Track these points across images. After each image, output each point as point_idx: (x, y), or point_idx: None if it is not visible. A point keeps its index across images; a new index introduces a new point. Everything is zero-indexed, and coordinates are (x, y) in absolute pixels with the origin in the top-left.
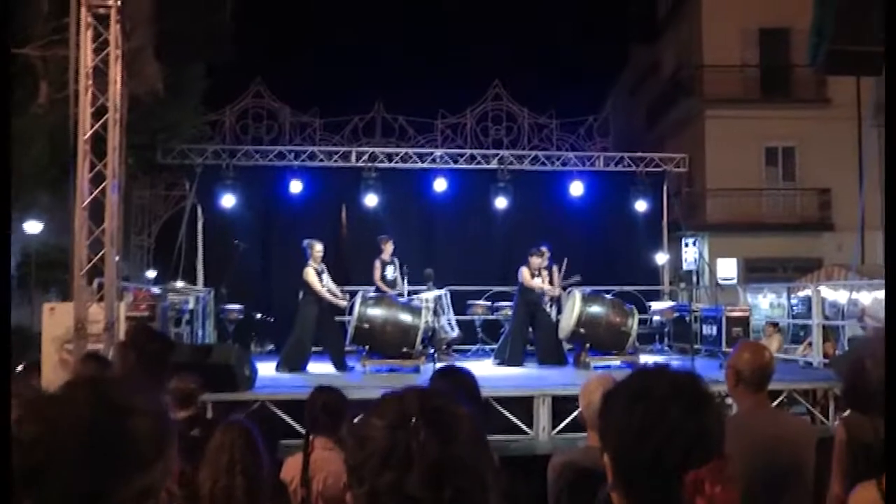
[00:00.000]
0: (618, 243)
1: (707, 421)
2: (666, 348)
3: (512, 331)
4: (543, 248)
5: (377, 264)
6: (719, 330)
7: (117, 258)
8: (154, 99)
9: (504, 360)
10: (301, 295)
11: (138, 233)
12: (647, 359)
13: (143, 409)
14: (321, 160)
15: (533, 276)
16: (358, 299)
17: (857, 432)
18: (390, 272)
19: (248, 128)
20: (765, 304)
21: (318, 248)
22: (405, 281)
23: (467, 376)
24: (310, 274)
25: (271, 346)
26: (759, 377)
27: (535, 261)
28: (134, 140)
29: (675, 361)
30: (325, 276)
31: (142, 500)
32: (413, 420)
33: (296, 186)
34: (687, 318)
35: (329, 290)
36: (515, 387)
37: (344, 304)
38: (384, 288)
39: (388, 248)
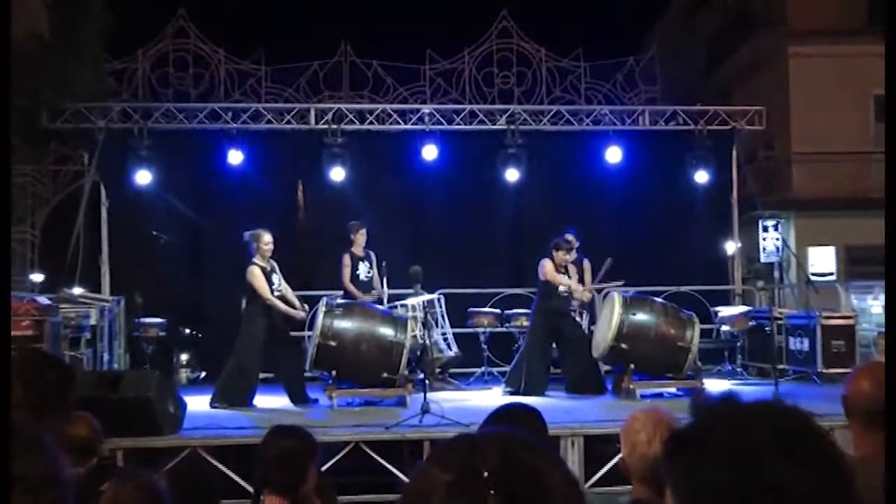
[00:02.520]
0: (671, 228)
1: (829, 483)
2: (739, 370)
3: (529, 348)
4: (570, 237)
5: (346, 260)
6: (812, 344)
7: None
8: (37, 44)
9: (519, 389)
10: (244, 303)
11: (17, 223)
12: (712, 384)
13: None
14: (268, 121)
15: (557, 272)
16: (321, 308)
17: None
18: (364, 271)
19: (169, 78)
20: (876, 307)
21: (266, 239)
22: (384, 283)
23: (537, 420)
24: (255, 274)
25: (204, 374)
26: (882, 414)
27: (560, 256)
28: (9, 99)
29: (752, 387)
30: (277, 278)
31: None
32: (484, 476)
33: (235, 157)
34: (767, 329)
35: (281, 297)
36: None
37: (302, 314)
38: (356, 292)
39: (361, 238)
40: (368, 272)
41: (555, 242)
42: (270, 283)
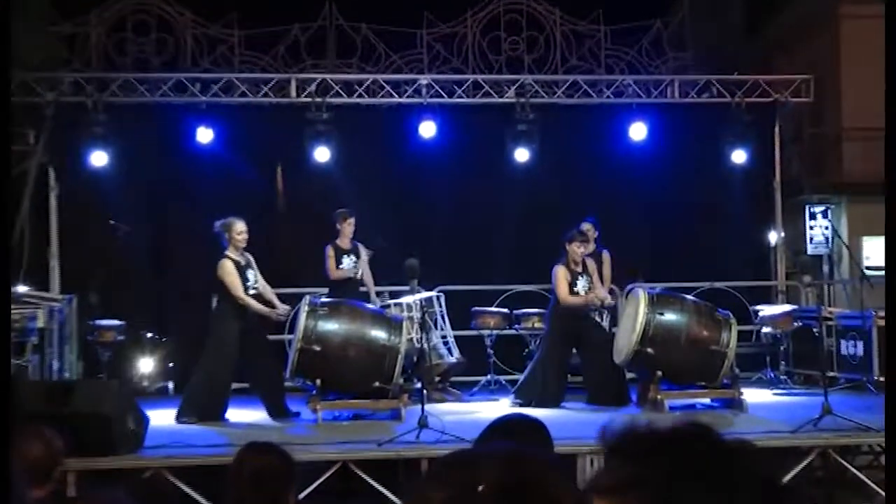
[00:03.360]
0: (704, 215)
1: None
2: (783, 377)
3: (545, 354)
4: (588, 225)
5: (330, 252)
6: (868, 348)
7: None
8: None
9: (532, 400)
10: (215, 303)
11: None
12: (752, 393)
13: None
14: (242, 94)
15: (574, 276)
16: (303, 307)
17: None
18: (349, 265)
19: (127, 45)
20: None
21: (239, 228)
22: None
23: (540, 434)
24: (227, 269)
25: (169, 384)
26: None
27: (575, 249)
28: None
29: (798, 398)
30: (252, 273)
31: None
32: (482, 493)
33: (204, 135)
34: (816, 330)
35: (257, 295)
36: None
37: (282, 315)
38: (342, 274)
39: (349, 229)
40: (355, 267)
41: (568, 235)
42: (245, 279)
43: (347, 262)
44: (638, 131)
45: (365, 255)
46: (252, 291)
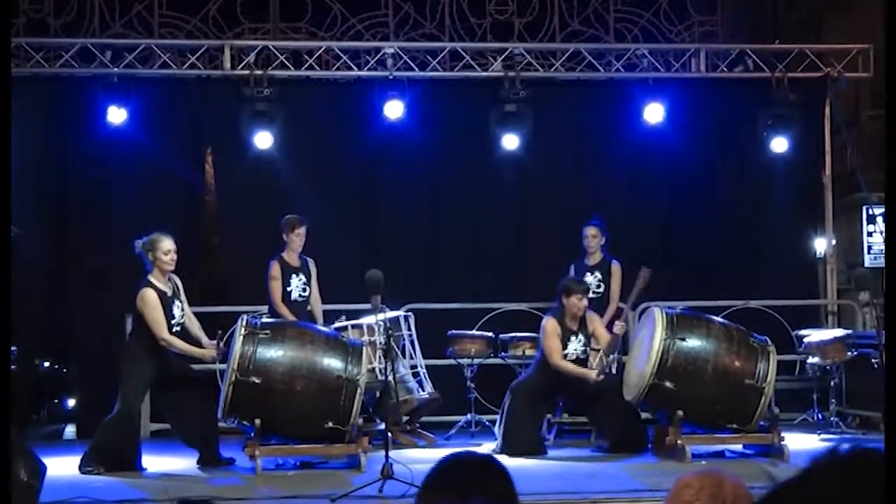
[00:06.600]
0: (735, 217)
1: None
2: (833, 419)
3: (522, 383)
4: (593, 230)
5: (274, 271)
6: None
7: None
8: None
9: (520, 447)
10: (130, 326)
11: None
12: (794, 439)
13: None
14: (164, 64)
15: (566, 334)
16: (239, 329)
17: None
18: (297, 286)
19: (19, 4)
20: None
21: (166, 247)
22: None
23: (496, 481)
24: (149, 303)
25: (71, 426)
26: None
27: (575, 303)
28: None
29: (851, 445)
30: (178, 307)
31: None
32: None
33: (115, 115)
34: (874, 361)
35: (182, 331)
36: (544, 494)
37: (211, 352)
38: (287, 314)
39: (298, 240)
40: (304, 289)
41: (563, 285)
42: (171, 314)
43: (296, 282)
44: (654, 113)
45: (316, 271)
46: (176, 329)
